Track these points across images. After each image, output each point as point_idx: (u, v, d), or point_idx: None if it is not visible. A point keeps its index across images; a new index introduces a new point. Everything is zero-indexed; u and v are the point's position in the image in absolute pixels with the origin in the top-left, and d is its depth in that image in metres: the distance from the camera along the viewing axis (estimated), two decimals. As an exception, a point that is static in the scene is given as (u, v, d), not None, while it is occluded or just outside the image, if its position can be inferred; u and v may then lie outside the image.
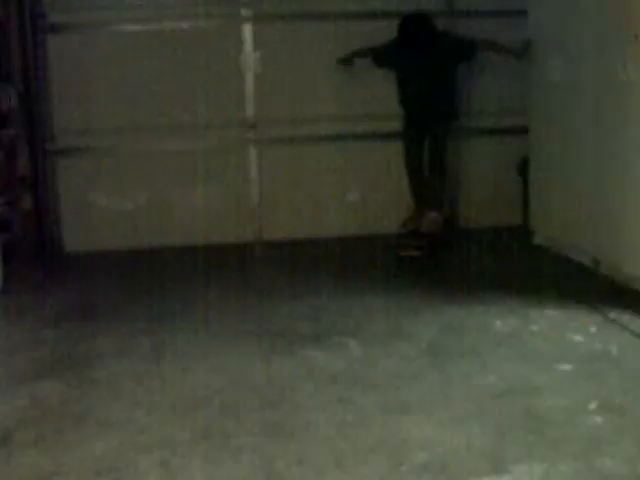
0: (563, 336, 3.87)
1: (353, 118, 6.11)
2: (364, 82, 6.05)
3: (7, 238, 5.32)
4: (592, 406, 3.04)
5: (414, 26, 5.69)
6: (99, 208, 6.02)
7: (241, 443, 2.83)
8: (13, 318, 4.42)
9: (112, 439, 2.90)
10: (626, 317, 4.07)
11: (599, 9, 4.64)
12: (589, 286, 4.66)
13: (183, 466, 2.68)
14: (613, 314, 4.12)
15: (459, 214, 6.34)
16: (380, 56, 5.89)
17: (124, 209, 6.04)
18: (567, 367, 3.45)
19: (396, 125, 6.06)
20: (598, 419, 2.94)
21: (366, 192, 6.24)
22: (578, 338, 3.83)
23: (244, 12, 5.97)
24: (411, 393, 3.25)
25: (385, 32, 5.97)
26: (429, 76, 5.78)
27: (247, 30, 5.98)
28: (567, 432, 2.84)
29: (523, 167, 5.95)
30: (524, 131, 5.83)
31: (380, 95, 6.06)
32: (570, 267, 5.10)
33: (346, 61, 5.97)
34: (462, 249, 5.75)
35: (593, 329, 3.93)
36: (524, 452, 2.70)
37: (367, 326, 4.10)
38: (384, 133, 6.14)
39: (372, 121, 6.12)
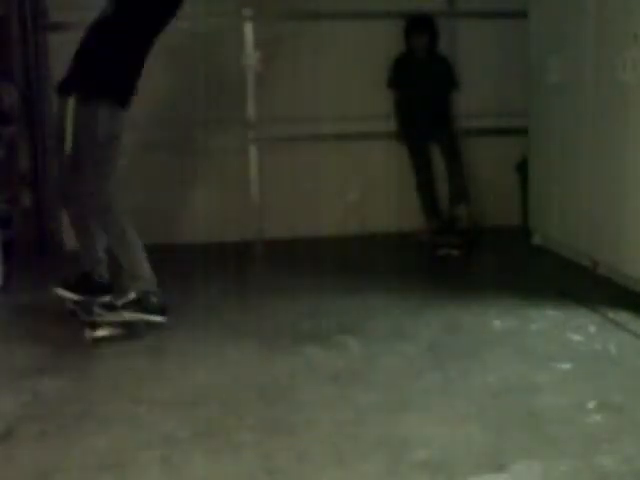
0: (562, 335, 3.88)
1: (353, 118, 6.12)
2: (364, 82, 6.07)
3: (7, 236, 5.32)
4: (591, 405, 3.05)
5: (420, 28, 5.89)
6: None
7: (242, 440, 2.84)
8: (14, 315, 4.43)
9: (114, 435, 2.91)
10: (625, 317, 4.09)
11: (599, 9, 4.66)
12: (588, 286, 4.67)
13: (184, 462, 2.69)
14: (612, 314, 4.14)
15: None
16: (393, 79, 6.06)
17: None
18: (566, 366, 3.47)
19: (396, 125, 6.08)
20: (597, 418, 2.95)
21: (366, 192, 6.25)
22: (577, 338, 3.84)
23: (245, 11, 5.98)
24: (411, 391, 3.26)
25: (385, 32, 6.01)
26: (432, 80, 5.91)
27: (248, 29, 5.98)
28: (566, 430, 2.85)
29: (523, 167, 5.97)
30: (524, 131, 5.85)
31: (380, 95, 6.08)
32: (569, 267, 5.11)
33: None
34: (461, 249, 5.76)
35: (592, 329, 3.95)
36: (523, 450, 2.71)
37: (367, 325, 4.11)
38: (384, 133, 6.15)
39: (372, 121, 6.13)
